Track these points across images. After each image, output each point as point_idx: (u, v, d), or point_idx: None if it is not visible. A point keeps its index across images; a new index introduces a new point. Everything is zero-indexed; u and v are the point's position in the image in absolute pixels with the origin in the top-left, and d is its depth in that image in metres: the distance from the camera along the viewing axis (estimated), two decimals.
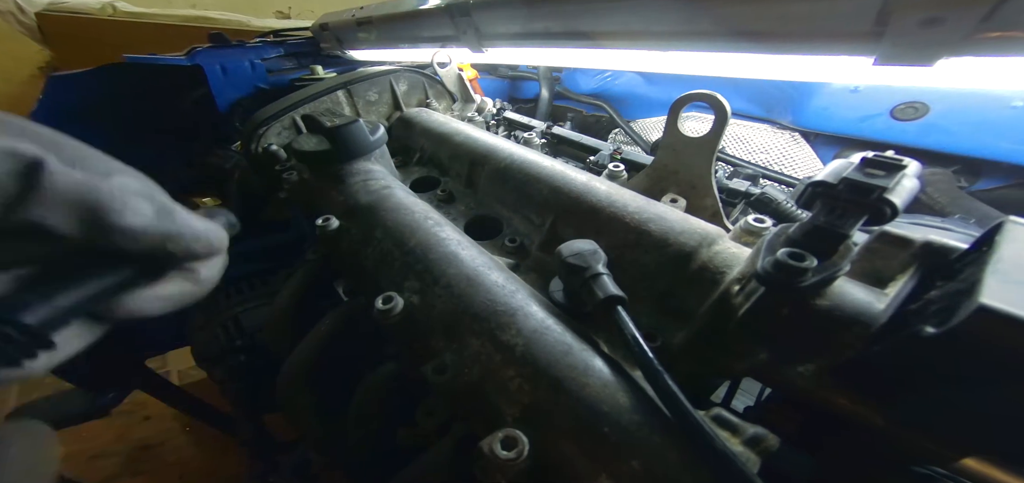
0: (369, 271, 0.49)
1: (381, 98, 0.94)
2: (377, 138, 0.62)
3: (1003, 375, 0.21)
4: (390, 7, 1.01)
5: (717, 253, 0.39)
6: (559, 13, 0.65)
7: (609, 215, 0.47)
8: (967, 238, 0.29)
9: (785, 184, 1.00)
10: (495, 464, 0.28)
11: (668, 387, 0.27)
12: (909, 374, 0.25)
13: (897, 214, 0.29)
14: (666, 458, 0.27)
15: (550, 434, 0.30)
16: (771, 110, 1.21)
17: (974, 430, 0.24)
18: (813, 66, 0.47)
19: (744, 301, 0.33)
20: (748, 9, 0.47)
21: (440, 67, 1.01)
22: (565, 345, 0.33)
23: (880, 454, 0.28)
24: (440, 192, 0.67)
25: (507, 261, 0.51)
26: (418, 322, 0.40)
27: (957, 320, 0.21)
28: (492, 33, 0.80)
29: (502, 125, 1.10)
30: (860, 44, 0.40)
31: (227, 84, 1.09)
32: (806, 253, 0.30)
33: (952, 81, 0.39)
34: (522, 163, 0.60)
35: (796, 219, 0.66)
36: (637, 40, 0.60)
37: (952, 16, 0.33)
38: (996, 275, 0.22)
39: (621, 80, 1.52)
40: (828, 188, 0.31)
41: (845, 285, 0.30)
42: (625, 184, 0.59)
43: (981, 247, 0.26)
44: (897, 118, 1.00)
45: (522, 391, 0.32)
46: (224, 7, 2.32)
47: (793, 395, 0.31)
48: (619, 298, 0.33)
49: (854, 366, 0.27)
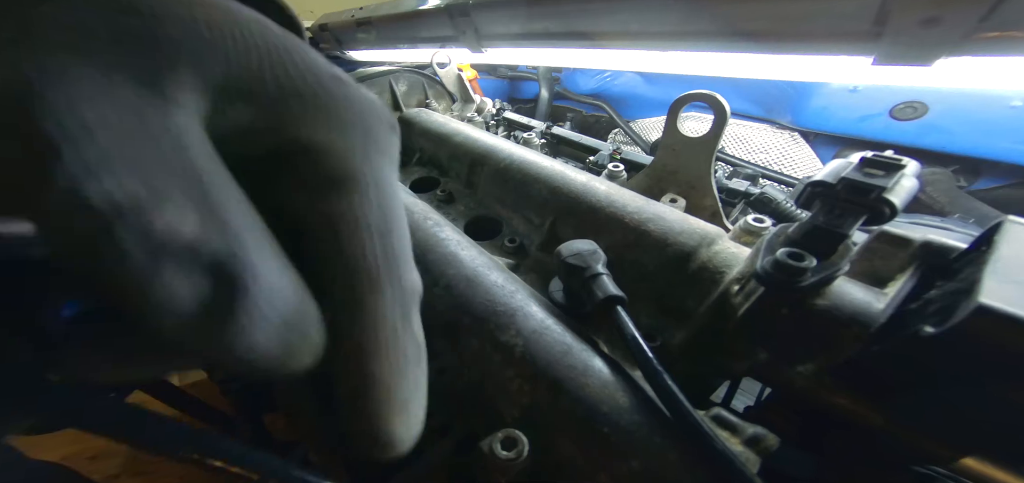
0: None
1: (380, 98, 0.94)
2: None
3: (1002, 375, 0.21)
4: (390, 7, 1.01)
5: (717, 253, 0.39)
6: (559, 13, 0.65)
7: (608, 215, 0.47)
8: (966, 238, 0.29)
9: (784, 184, 1.00)
10: (495, 464, 0.28)
11: (668, 387, 0.27)
12: (908, 374, 0.25)
13: (896, 214, 0.29)
14: (666, 458, 0.27)
15: (550, 434, 0.30)
16: (771, 110, 1.21)
17: (974, 430, 0.24)
18: (812, 66, 0.47)
19: (744, 301, 0.33)
20: (747, 9, 0.47)
21: (440, 67, 1.01)
22: (565, 345, 0.33)
23: (880, 454, 0.28)
24: (440, 192, 0.67)
25: (507, 261, 0.51)
26: None
27: (956, 320, 0.21)
28: (492, 33, 0.80)
29: (502, 125, 1.10)
30: (859, 44, 0.40)
31: None
32: (805, 253, 0.30)
33: (951, 81, 0.39)
34: (522, 163, 0.60)
35: (795, 219, 0.66)
36: (637, 40, 0.60)
37: (951, 16, 0.33)
38: (995, 275, 0.22)
39: (621, 80, 1.52)
40: (827, 188, 0.31)
41: (844, 285, 0.30)
42: (625, 184, 0.59)
43: (980, 247, 0.26)
44: (896, 118, 1.00)
45: (522, 391, 0.32)
46: None
47: (793, 395, 0.31)
48: (619, 298, 0.33)
49: (854, 366, 0.27)
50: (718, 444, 0.25)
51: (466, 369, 0.35)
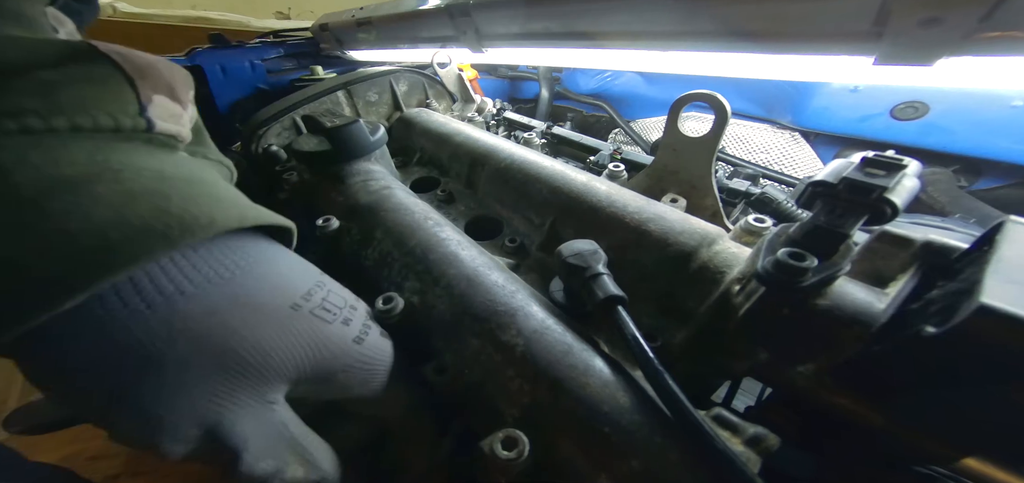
0: (369, 271, 0.49)
1: (381, 98, 0.94)
2: (377, 138, 0.62)
3: (1003, 375, 0.21)
4: (390, 7, 1.01)
5: (717, 253, 0.39)
6: (559, 13, 0.65)
7: (609, 215, 0.47)
8: (967, 238, 0.29)
9: (785, 184, 1.00)
10: (495, 464, 0.28)
11: (668, 387, 0.27)
12: (909, 374, 0.25)
13: (897, 214, 0.29)
14: (666, 458, 0.27)
15: (550, 434, 0.30)
16: (771, 110, 1.21)
17: (974, 430, 0.24)
18: (813, 66, 0.47)
19: (744, 301, 0.33)
20: (748, 9, 0.47)
21: (440, 67, 1.01)
22: (565, 345, 0.33)
23: (880, 454, 0.28)
24: (440, 192, 0.67)
25: (507, 261, 0.51)
26: (418, 322, 0.40)
27: (957, 320, 0.21)
28: (492, 33, 0.80)
29: (502, 125, 1.10)
30: (859, 44, 0.40)
31: (227, 85, 1.09)
32: (806, 253, 0.30)
33: (952, 81, 0.39)
34: (522, 163, 0.60)
35: (796, 219, 0.66)
36: (637, 40, 0.60)
37: (951, 16, 0.33)
38: (996, 275, 0.22)
39: (621, 80, 1.52)
40: (828, 188, 0.31)
41: (845, 285, 0.30)
42: (625, 184, 0.59)
43: (981, 247, 0.26)
44: (897, 118, 1.00)
45: (522, 391, 0.32)
46: (224, 7, 2.32)
47: (793, 395, 0.31)
48: (619, 298, 0.33)
49: (854, 366, 0.27)
50: (719, 444, 0.25)
51: (466, 369, 0.35)
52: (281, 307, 0.27)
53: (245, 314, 0.25)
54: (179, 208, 0.22)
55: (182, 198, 0.22)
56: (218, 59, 1.08)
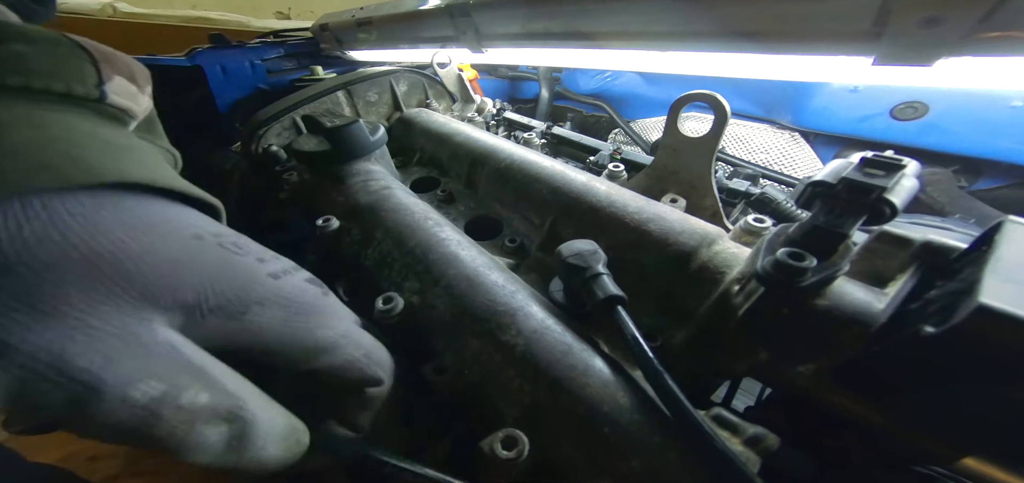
0: (369, 271, 0.49)
1: (381, 99, 0.94)
2: (377, 138, 0.62)
3: (1003, 374, 0.21)
4: (390, 7, 1.01)
5: (717, 253, 0.39)
6: (559, 13, 0.65)
7: (609, 215, 0.47)
8: (967, 238, 0.29)
9: (785, 184, 1.00)
10: (495, 464, 0.28)
11: (668, 387, 0.27)
12: (909, 374, 0.25)
13: (896, 214, 0.29)
14: (666, 458, 0.27)
15: (550, 434, 0.30)
16: (771, 110, 1.21)
17: (974, 429, 0.24)
18: (812, 66, 0.47)
19: (744, 301, 0.33)
20: (747, 9, 0.47)
21: (440, 67, 1.01)
22: (565, 345, 0.33)
23: (880, 454, 0.28)
24: (440, 192, 0.67)
25: (507, 261, 0.51)
26: (418, 322, 0.40)
27: (957, 320, 0.21)
28: (492, 33, 0.80)
29: (502, 125, 1.10)
30: (859, 44, 0.40)
31: (227, 85, 1.09)
32: (806, 253, 0.30)
33: (951, 81, 0.39)
34: (522, 163, 0.60)
35: (796, 219, 0.66)
36: (637, 40, 0.60)
37: (951, 16, 0.33)
38: (996, 275, 0.22)
39: (621, 80, 1.52)
40: (827, 188, 0.31)
41: (845, 285, 0.30)
42: (625, 184, 0.59)
43: (981, 247, 0.26)
44: (897, 118, 1.00)
45: (522, 391, 0.32)
46: (224, 7, 2.32)
47: (793, 395, 0.31)
48: (619, 298, 0.33)
49: (854, 366, 0.27)
50: (718, 444, 0.25)
51: (466, 369, 0.35)
52: (181, 233, 0.24)
53: (134, 233, 0.22)
54: (93, 157, 0.22)
55: (99, 152, 0.22)
56: (218, 59, 1.08)
